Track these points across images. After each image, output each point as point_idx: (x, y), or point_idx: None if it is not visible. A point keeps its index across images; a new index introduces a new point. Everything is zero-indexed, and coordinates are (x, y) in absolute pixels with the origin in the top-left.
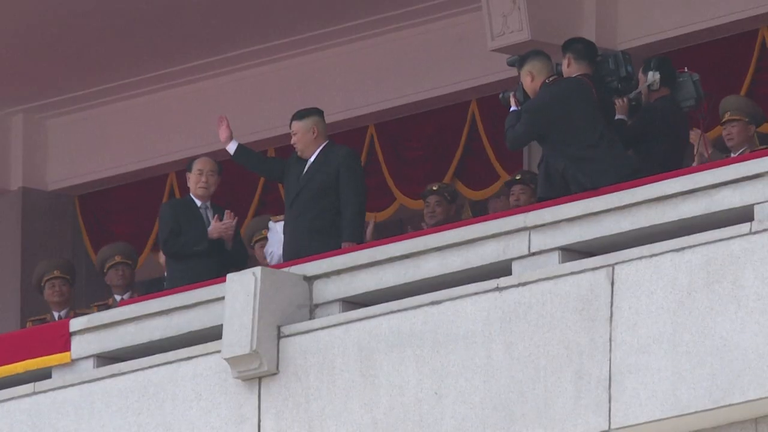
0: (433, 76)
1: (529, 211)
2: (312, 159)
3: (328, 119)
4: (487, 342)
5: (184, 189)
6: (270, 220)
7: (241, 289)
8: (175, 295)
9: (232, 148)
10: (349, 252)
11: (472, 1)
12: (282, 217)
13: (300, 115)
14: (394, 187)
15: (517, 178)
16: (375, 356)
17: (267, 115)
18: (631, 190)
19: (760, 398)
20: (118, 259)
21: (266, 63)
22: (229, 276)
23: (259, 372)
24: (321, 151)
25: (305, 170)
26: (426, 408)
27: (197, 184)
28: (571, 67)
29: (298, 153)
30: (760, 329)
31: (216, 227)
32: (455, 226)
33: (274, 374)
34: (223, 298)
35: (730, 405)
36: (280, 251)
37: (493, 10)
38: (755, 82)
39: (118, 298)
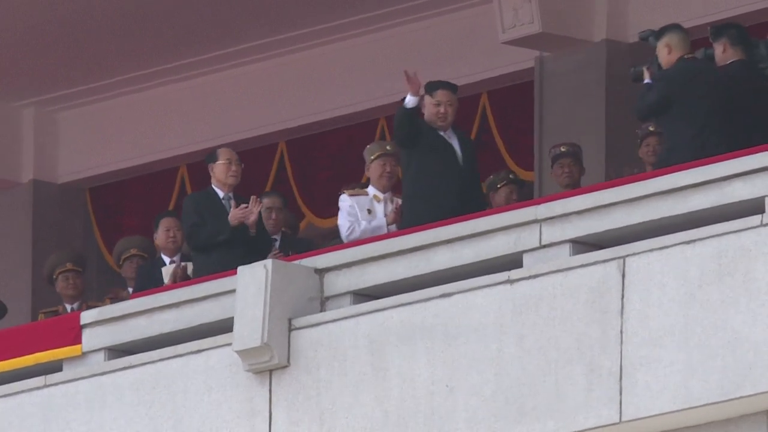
0: (443, 68)
1: (541, 203)
2: (455, 134)
3: (338, 113)
4: (498, 334)
5: (196, 181)
6: (343, 192)
7: (252, 281)
8: (186, 288)
9: (412, 102)
10: (360, 244)
11: None
12: (359, 190)
13: (455, 88)
14: None
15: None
16: (386, 349)
17: (278, 108)
18: (642, 182)
19: None
20: (133, 251)
21: (278, 56)
22: (240, 268)
23: (270, 365)
24: (453, 129)
25: (461, 144)
26: (437, 401)
27: (227, 173)
28: (726, 53)
29: (444, 124)
30: None
31: (235, 213)
32: (466, 218)
33: (285, 367)
34: (234, 290)
35: (741, 397)
36: (362, 226)
37: (504, 3)
38: None
39: (131, 290)
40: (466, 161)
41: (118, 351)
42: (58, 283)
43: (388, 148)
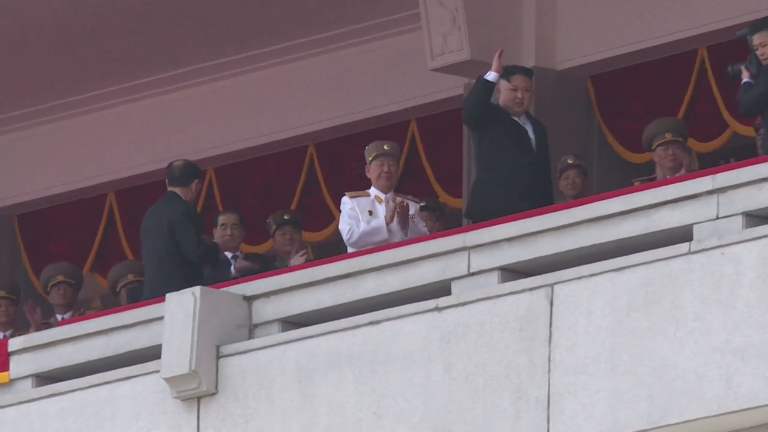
0: (372, 95)
1: (469, 231)
2: (529, 120)
3: (266, 139)
4: (426, 362)
5: (123, 208)
6: (344, 195)
7: (180, 308)
8: (113, 315)
9: (493, 77)
10: (288, 272)
11: (411, 21)
12: (361, 191)
13: (531, 73)
14: (333, 207)
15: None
16: (314, 376)
17: (206, 134)
18: (570, 210)
19: (698, 419)
20: (60, 278)
21: (206, 83)
22: (168, 296)
23: (198, 392)
24: (528, 115)
25: (535, 131)
26: (365, 428)
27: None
28: None
29: (520, 109)
30: (699, 349)
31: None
32: (393, 246)
33: (213, 394)
34: (162, 317)
35: (668, 425)
36: (362, 228)
37: (433, 30)
38: (694, 101)
39: (59, 317)
40: (539, 148)
41: (45, 378)
42: None
43: (385, 147)
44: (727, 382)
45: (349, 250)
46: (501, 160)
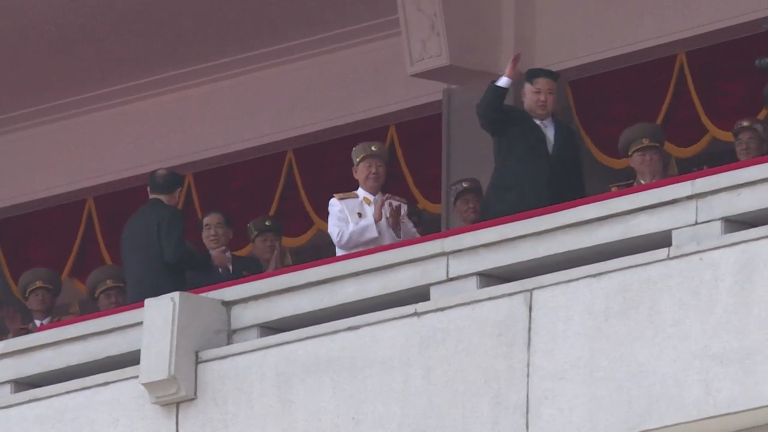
0: (352, 101)
1: (447, 236)
2: (553, 123)
3: (245, 145)
4: (404, 367)
5: (102, 214)
6: (333, 197)
7: (158, 314)
8: (92, 320)
9: (505, 82)
10: (267, 277)
11: (391, 27)
12: (349, 193)
13: (556, 76)
14: (312, 212)
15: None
16: (292, 381)
17: (187, 139)
18: (549, 215)
19: (677, 424)
20: (38, 284)
21: (185, 88)
22: (147, 301)
23: (176, 397)
24: (553, 118)
25: (557, 134)
26: None
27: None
28: None
29: (543, 112)
30: (677, 355)
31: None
32: (373, 251)
33: (192, 399)
34: (141, 323)
35: (647, 431)
36: (351, 228)
37: (412, 36)
38: (673, 107)
39: (38, 323)
40: (558, 151)
41: (24, 384)
42: None
43: (373, 149)
44: (706, 388)
45: (338, 252)
46: (514, 163)
